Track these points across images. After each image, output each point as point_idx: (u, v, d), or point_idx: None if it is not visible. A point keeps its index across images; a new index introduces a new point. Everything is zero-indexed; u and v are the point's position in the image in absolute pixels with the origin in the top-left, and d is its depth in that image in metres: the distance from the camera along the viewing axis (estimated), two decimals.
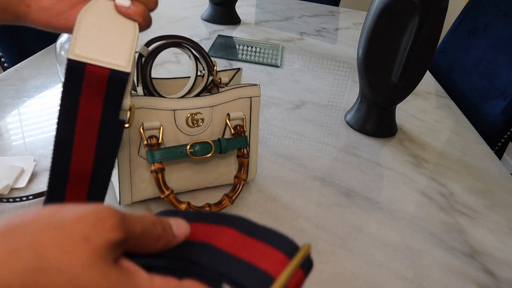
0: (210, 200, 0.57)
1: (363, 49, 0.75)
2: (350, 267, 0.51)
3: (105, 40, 0.35)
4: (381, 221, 0.59)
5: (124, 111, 0.37)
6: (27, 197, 0.53)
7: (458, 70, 1.26)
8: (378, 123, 0.81)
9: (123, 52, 0.36)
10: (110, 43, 0.35)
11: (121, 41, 0.36)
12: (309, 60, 1.14)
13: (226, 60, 1.06)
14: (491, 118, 1.07)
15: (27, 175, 0.56)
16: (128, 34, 0.36)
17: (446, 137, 0.86)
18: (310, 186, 0.64)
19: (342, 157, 0.73)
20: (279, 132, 0.78)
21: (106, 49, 0.35)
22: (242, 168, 0.57)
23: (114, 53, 0.35)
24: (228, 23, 1.33)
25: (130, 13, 0.37)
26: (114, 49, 0.35)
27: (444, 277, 0.52)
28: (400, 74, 0.71)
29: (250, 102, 0.56)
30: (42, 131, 0.68)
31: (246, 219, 0.28)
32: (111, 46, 0.35)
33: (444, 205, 0.65)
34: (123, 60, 0.35)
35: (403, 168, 0.73)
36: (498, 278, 0.53)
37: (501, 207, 0.67)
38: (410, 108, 0.96)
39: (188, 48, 0.53)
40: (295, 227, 0.56)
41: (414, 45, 0.68)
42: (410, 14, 0.67)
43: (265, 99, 0.89)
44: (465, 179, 0.73)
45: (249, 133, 0.58)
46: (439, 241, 0.57)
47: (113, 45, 0.35)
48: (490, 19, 1.21)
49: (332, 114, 0.87)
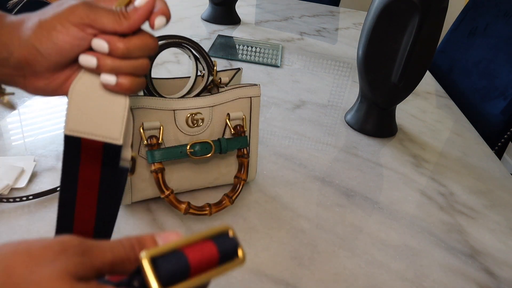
0: (210, 200, 0.57)
1: (363, 49, 0.75)
2: (350, 267, 0.51)
3: (96, 114, 0.36)
4: (381, 221, 0.59)
5: (126, 161, 0.39)
6: (27, 197, 0.53)
7: (458, 70, 1.26)
8: (378, 123, 0.81)
9: (114, 124, 0.37)
10: (101, 116, 0.37)
11: (112, 114, 0.37)
12: (309, 60, 1.14)
13: (226, 60, 1.06)
14: (491, 118, 1.07)
15: (27, 175, 0.56)
16: (118, 105, 0.37)
17: (446, 137, 0.86)
18: (310, 186, 0.64)
19: (342, 157, 0.73)
20: (279, 132, 0.78)
21: (97, 123, 0.36)
22: (242, 168, 0.57)
23: (105, 126, 0.37)
24: (228, 23, 1.33)
25: (117, 89, 0.36)
26: (106, 123, 0.37)
27: (444, 277, 0.52)
28: (400, 74, 0.71)
29: (250, 102, 0.56)
30: (42, 131, 0.68)
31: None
32: (102, 119, 0.37)
33: (444, 205, 0.65)
34: (115, 132, 0.37)
35: (403, 168, 0.73)
36: (498, 278, 0.53)
37: (501, 207, 0.67)
38: (410, 108, 0.96)
39: (188, 48, 0.53)
40: (295, 227, 0.56)
41: (414, 45, 0.68)
42: (410, 14, 0.67)
43: (265, 99, 0.89)
44: (465, 179, 0.73)
45: (249, 133, 0.58)
46: (439, 241, 0.57)
47: (104, 118, 0.37)
48: (490, 19, 1.21)
49: (332, 114, 0.87)
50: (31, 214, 0.51)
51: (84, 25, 0.34)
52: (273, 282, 0.47)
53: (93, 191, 0.38)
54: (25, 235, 0.48)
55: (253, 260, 0.50)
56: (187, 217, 0.54)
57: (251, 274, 0.48)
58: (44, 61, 0.34)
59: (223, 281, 0.47)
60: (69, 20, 0.33)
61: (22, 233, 0.49)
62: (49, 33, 0.34)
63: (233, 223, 0.55)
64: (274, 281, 0.48)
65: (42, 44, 0.34)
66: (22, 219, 0.50)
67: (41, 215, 0.51)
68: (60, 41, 0.34)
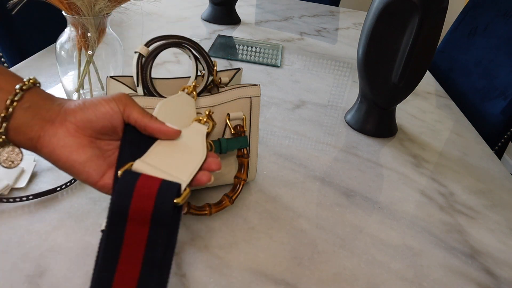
0: (210, 200, 0.57)
1: (363, 49, 0.75)
2: (350, 267, 0.51)
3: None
4: (381, 221, 0.59)
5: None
6: (27, 197, 0.53)
7: (458, 70, 1.26)
8: (378, 123, 0.81)
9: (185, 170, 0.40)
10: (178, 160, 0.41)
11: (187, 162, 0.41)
12: (309, 60, 1.14)
13: (226, 60, 1.06)
14: (491, 118, 1.07)
15: (27, 175, 0.56)
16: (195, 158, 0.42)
17: (446, 137, 0.86)
18: (310, 186, 0.64)
19: (342, 157, 0.73)
20: (279, 132, 0.78)
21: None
22: (242, 168, 0.57)
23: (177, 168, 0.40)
24: (228, 23, 1.33)
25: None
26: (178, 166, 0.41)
27: (444, 277, 0.52)
28: (400, 74, 0.71)
29: (250, 102, 0.56)
30: None
31: None
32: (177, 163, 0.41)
33: (444, 205, 0.65)
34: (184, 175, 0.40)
35: (403, 168, 0.73)
36: (498, 278, 0.53)
37: (501, 207, 0.67)
38: (410, 108, 0.96)
39: (188, 48, 0.53)
40: (295, 227, 0.56)
41: (414, 45, 0.68)
42: (410, 14, 0.67)
43: (265, 99, 0.89)
44: (465, 179, 0.73)
45: (249, 133, 0.58)
46: (439, 241, 0.57)
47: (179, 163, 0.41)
48: (490, 19, 1.21)
49: (332, 114, 0.87)
50: (31, 214, 0.51)
51: (122, 105, 0.40)
52: (273, 282, 0.47)
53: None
54: (25, 235, 0.48)
55: (253, 260, 0.50)
56: (187, 217, 0.54)
57: (251, 274, 0.48)
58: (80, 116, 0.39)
59: (223, 281, 0.47)
60: (113, 97, 0.40)
61: (22, 233, 0.49)
62: (93, 103, 0.40)
63: (233, 223, 0.55)
64: (274, 281, 0.48)
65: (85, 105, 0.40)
66: (22, 219, 0.50)
67: (41, 215, 0.51)
68: (101, 108, 0.39)
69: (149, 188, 0.36)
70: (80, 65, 0.70)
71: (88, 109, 0.39)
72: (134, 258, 0.35)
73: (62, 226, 0.50)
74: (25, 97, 0.37)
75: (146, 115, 0.41)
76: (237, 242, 0.52)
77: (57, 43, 0.70)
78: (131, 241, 0.35)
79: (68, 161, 0.38)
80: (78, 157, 0.38)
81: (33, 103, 0.37)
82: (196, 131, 0.45)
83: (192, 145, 0.43)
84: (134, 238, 0.35)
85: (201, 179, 0.41)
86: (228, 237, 0.52)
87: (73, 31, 0.67)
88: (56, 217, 0.51)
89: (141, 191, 0.35)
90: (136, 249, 0.35)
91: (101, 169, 0.40)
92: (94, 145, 0.40)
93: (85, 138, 0.39)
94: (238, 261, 0.49)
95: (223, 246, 0.51)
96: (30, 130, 0.37)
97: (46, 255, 0.46)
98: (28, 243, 0.47)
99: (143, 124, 0.41)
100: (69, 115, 0.38)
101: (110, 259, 0.35)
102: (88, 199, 0.55)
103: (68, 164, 0.38)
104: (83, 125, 0.39)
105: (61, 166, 0.39)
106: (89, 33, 0.66)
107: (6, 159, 0.38)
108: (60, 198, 0.54)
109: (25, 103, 0.37)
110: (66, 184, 0.56)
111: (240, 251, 0.51)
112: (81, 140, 0.39)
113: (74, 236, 0.49)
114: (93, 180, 0.39)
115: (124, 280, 0.34)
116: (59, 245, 0.48)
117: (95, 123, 0.39)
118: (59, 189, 0.55)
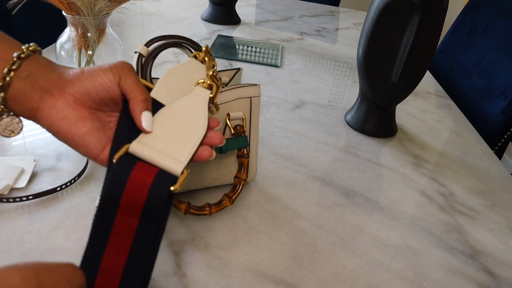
0: (210, 200, 0.57)
1: (363, 49, 0.75)
2: (350, 267, 0.51)
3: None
4: (381, 221, 0.59)
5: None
6: (27, 197, 0.53)
7: (458, 70, 1.26)
8: (378, 123, 0.81)
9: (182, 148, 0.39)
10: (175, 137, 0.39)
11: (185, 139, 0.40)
12: (309, 60, 1.14)
13: (226, 60, 1.06)
14: (491, 118, 1.07)
15: (27, 175, 0.56)
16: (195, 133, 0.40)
17: (446, 137, 0.86)
18: (310, 186, 0.64)
19: (342, 157, 0.73)
20: (279, 132, 0.78)
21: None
22: (242, 168, 0.57)
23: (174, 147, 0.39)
24: (228, 23, 1.33)
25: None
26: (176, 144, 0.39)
27: (444, 277, 0.52)
28: (400, 74, 0.71)
29: (250, 102, 0.56)
30: (42, 131, 0.68)
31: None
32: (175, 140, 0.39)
33: (444, 205, 0.65)
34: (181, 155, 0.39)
35: (403, 168, 0.73)
36: (498, 278, 0.53)
37: (501, 207, 0.67)
38: (410, 108, 0.96)
39: (188, 48, 0.53)
40: (295, 227, 0.56)
41: (414, 45, 0.68)
42: (410, 14, 0.67)
43: (265, 99, 0.89)
44: (465, 179, 0.73)
45: (249, 133, 0.58)
46: (439, 241, 0.57)
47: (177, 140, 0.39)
48: (490, 19, 1.21)
49: (332, 114, 0.87)
50: (31, 214, 0.51)
51: (118, 75, 0.38)
52: (273, 282, 0.47)
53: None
54: (25, 235, 0.48)
55: (253, 260, 0.50)
56: (187, 217, 0.54)
57: (251, 274, 0.48)
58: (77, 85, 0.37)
59: (223, 281, 0.47)
60: (110, 67, 0.38)
61: (22, 233, 0.49)
62: (90, 72, 0.38)
63: (233, 223, 0.55)
64: (274, 281, 0.48)
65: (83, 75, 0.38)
66: (22, 219, 0.50)
67: (41, 215, 0.51)
68: (99, 79, 0.37)
69: (143, 180, 0.35)
70: (80, 65, 0.70)
71: (86, 80, 0.37)
72: (121, 247, 0.35)
73: (62, 226, 0.50)
74: (23, 65, 0.36)
75: (135, 90, 0.38)
76: (237, 242, 0.52)
77: (57, 43, 0.70)
78: (119, 231, 0.35)
79: (68, 133, 0.37)
80: (78, 130, 0.37)
81: (31, 72, 0.36)
82: (197, 99, 0.42)
83: (192, 117, 0.40)
84: (123, 228, 0.35)
85: (202, 155, 0.39)
86: (228, 237, 0.52)
87: (73, 31, 0.67)
88: (56, 217, 0.51)
89: (135, 182, 0.35)
90: (124, 238, 0.35)
91: (101, 142, 0.38)
92: (94, 117, 0.38)
93: (84, 110, 0.38)
94: (238, 261, 0.49)
95: (223, 246, 0.51)
96: (28, 100, 0.36)
97: (46, 255, 0.46)
98: (28, 243, 0.47)
99: (128, 99, 0.39)
100: (67, 86, 0.37)
101: (98, 246, 0.35)
102: (88, 199, 0.55)
103: (68, 137, 0.37)
104: (82, 97, 0.37)
105: (61, 138, 0.38)
106: (89, 33, 0.66)
107: (5, 128, 0.37)
108: (60, 198, 0.54)
109: (23, 72, 0.36)
110: (66, 184, 0.56)
111: (240, 251, 0.51)
112: (81, 112, 0.37)
113: (74, 236, 0.49)
114: (93, 154, 0.38)
115: (110, 267, 0.35)
116: (59, 245, 0.48)
117: (94, 94, 0.37)
118: (59, 189, 0.55)
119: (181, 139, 0.39)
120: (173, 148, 0.38)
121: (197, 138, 0.39)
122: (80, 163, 0.61)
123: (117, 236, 0.35)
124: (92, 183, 0.58)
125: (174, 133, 0.39)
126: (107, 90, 0.38)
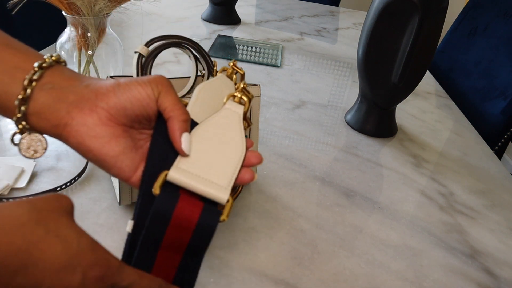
0: None
1: (363, 49, 0.75)
2: (350, 267, 0.51)
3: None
4: (381, 221, 0.59)
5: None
6: (27, 197, 0.52)
7: (458, 70, 1.26)
8: (378, 123, 0.81)
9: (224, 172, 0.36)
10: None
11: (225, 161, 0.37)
12: (309, 60, 1.14)
13: (226, 60, 1.06)
14: (491, 118, 1.07)
15: (27, 175, 0.56)
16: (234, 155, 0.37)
17: (446, 137, 0.86)
18: (310, 186, 0.64)
19: (342, 157, 0.73)
20: (279, 132, 0.78)
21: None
22: None
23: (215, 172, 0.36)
24: (228, 23, 1.33)
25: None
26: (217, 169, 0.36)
27: (444, 277, 0.52)
28: (400, 74, 0.71)
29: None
30: None
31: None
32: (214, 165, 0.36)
33: (444, 205, 0.65)
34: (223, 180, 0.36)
35: (403, 168, 0.73)
36: (498, 278, 0.53)
37: (501, 207, 0.67)
38: (410, 108, 0.96)
39: (188, 48, 0.53)
40: (295, 227, 0.56)
41: (414, 45, 0.68)
42: (410, 14, 0.67)
43: (265, 99, 0.89)
44: (465, 179, 0.73)
45: (249, 133, 0.58)
46: (439, 241, 0.57)
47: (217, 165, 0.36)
48: (490, 19, 1.21)
49: (332, 114, 0.87)
50: None
51: (158, 91, 0.35)
52: (273, 282, 0.47)
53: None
54: None
55: (253, 260, 0.50)
56: None
57: (251, 274, 0.48)
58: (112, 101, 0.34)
59: (223, 281, 0.47)
60: (149, 80, 0.35)
61: None
62: (127, 85, 0.34)
63: (233, 223, 0.55)
64: (274, 281, 0.48)
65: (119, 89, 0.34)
66: None
67: None
68: (136, 94, 0.34)
69: (189, 215, 0.32)
70: (80, 65, 0.70)
71: (123, 94, 0.33)
72: (163, 278, 0.34)
73: None
74: (45, 76, 0.32)
75: (177, 109, 0.35)
76: (237, 242, 0.52)
77: (57, 43, 0.70)
78: (161, 266, 0.33)
79: (100, 154, 0.33)
80: (111, 150, 0.34)
81: (56, 84, 0.33)
82: (231, 115, 0.39)
83: (229, 136, 0.37)
84: (165, 264, 0.33)
85: (244, 178, 0.36)
86: (228, 237, 0.52)
87: (73, 31, 0.67)
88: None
89: (180, 217, 0.32)
90: (166, 272, 0.33)
91: (134, 163, 0.35)
92: (127, 135, 0.35)
93: (118, 127, 0.34)
94: (238, 261, 0.49)
95: (223, 246, 0.51)
96: (54, 116, 0.32)
97: None
98: None
99: (167, 117, 0.35)
100: (100, 100, 0.33)
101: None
102: (88, 199, 0.55)
103: (100, 157, 0.34)
104: (117, 113, 0.33)
105: (91, 158, 0.34)
106: (89, 33, 0.66)
107: (28, 148, 0.34)
108: None
109: (47, 84, 0.32)
110: (66, 184, 0.56)
111: (240, 251, 0.51)
112: (115, 130, 0.34)
113: None
114: (125, 175, 0.35)
115: None
116: None
117: (130, 110, 0.34)
118: (59, 189, 0.55)
119: (221, 162, 0.35)
120: (214, 173, 0.35)
121: (238, 160, 0.36)
122: (80, 163, 0.61)
123: (159, 270, 0.33)
124: (92, 183, 0.58)
125: (212, 156, 0.36)
126: (144, 106, 0.34)
